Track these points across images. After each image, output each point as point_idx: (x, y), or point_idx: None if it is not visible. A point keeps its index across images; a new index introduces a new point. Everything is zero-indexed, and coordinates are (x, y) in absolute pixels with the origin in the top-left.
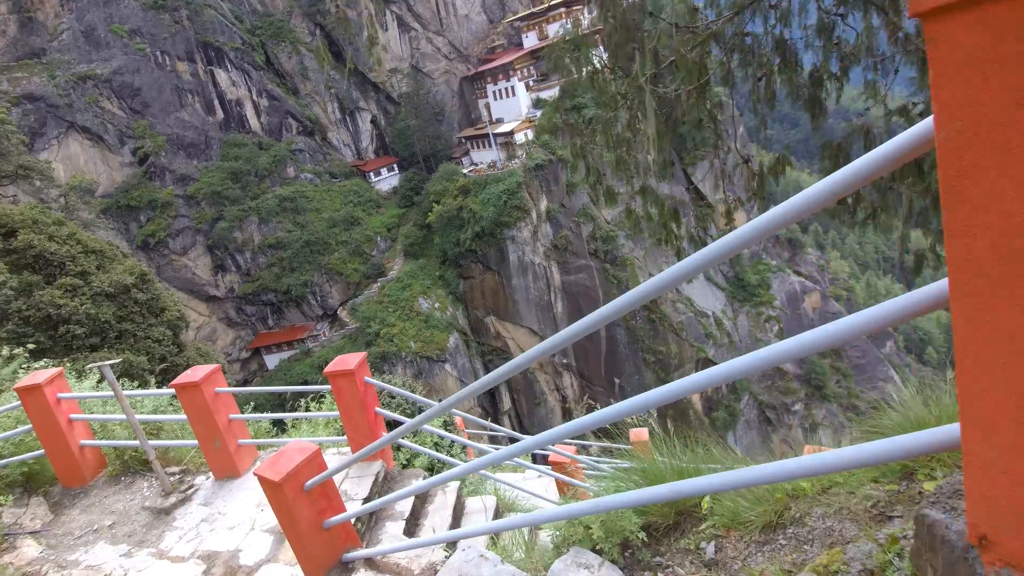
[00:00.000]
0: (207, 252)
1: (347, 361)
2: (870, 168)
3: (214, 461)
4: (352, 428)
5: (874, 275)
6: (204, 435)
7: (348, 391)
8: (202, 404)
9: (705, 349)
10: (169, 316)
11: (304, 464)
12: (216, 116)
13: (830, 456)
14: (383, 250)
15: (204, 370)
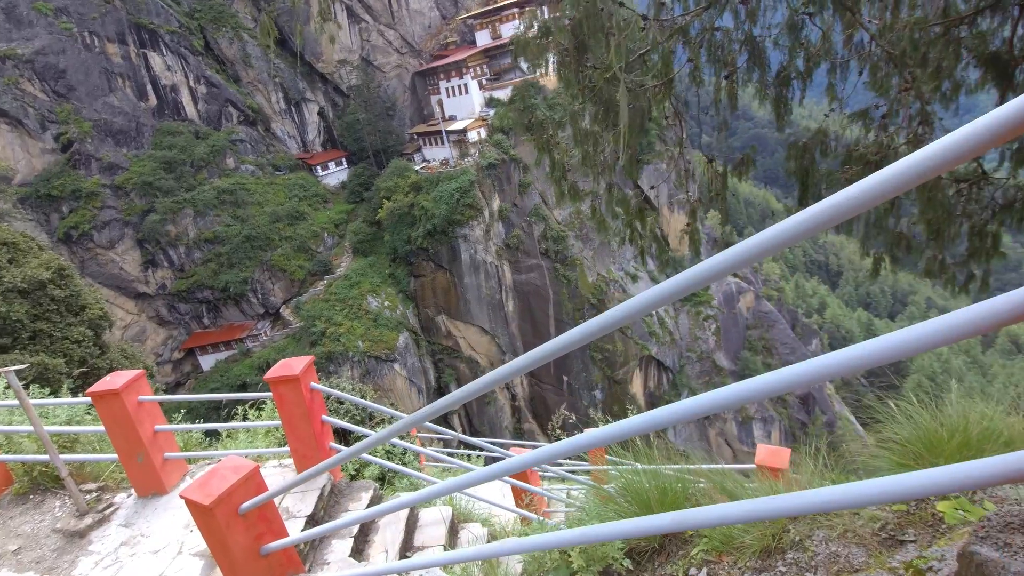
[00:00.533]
0: (136, 246)
1: (291, 366)
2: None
3: (137, 477)
4: (296, 439)
5: (802, 277)
6: (125, 449)
7: (292, 399)
8: (123, 414)
9: (649, 347)
10: (91, 315)
11: (239, 485)
12: (149, 102)
13: (871, 487)
14: (330, 247)
15: (125, 376)
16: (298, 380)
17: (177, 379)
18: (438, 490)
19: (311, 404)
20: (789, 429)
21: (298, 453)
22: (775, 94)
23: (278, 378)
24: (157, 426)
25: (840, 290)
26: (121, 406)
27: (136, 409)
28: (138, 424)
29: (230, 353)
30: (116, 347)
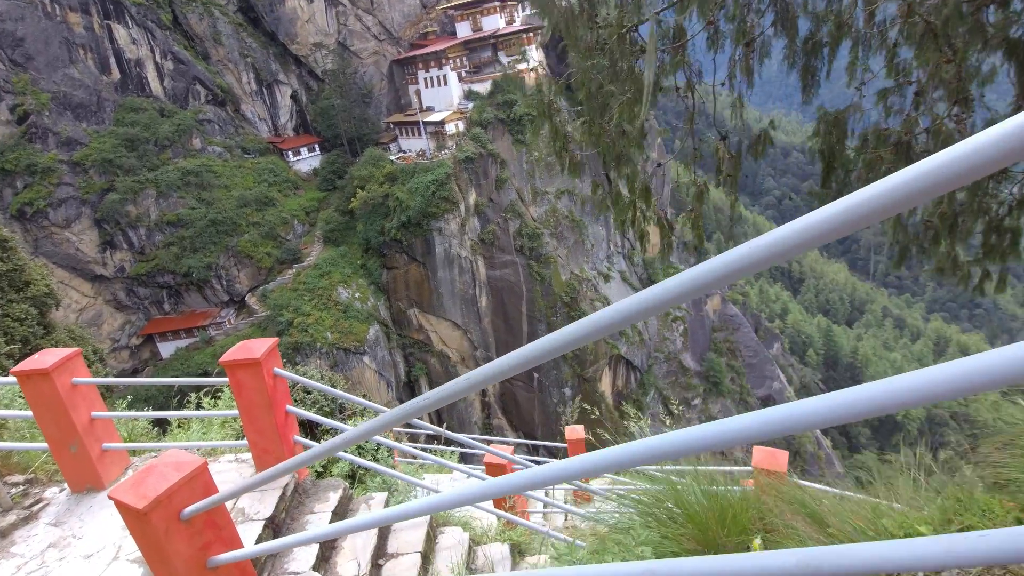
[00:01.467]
0: (94, 226)
1: (251, 348)
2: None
3: (70, 469)
4: (255, 431)
5: (766, 282)
6: (56, 437)
7: (252, 385)
8: (53, 397)
9: (618, 346)
10: (35, 291)
11: (182, 485)
12: (111, 76)
13: None
14: (300, 234)
15: (57, 354)
16: (259, 364)
17: (135, 366)
18: (422, 507)
19: (273, 392)
20: None
21: (257, 447)
22: (803, 62)
23: (236, 361)
24: (94, 412)
25: (801, 296)
26: (52, 388)
27: (69, 392)
28: (71, 409)
29: (191, 340)
30: (63, 328)
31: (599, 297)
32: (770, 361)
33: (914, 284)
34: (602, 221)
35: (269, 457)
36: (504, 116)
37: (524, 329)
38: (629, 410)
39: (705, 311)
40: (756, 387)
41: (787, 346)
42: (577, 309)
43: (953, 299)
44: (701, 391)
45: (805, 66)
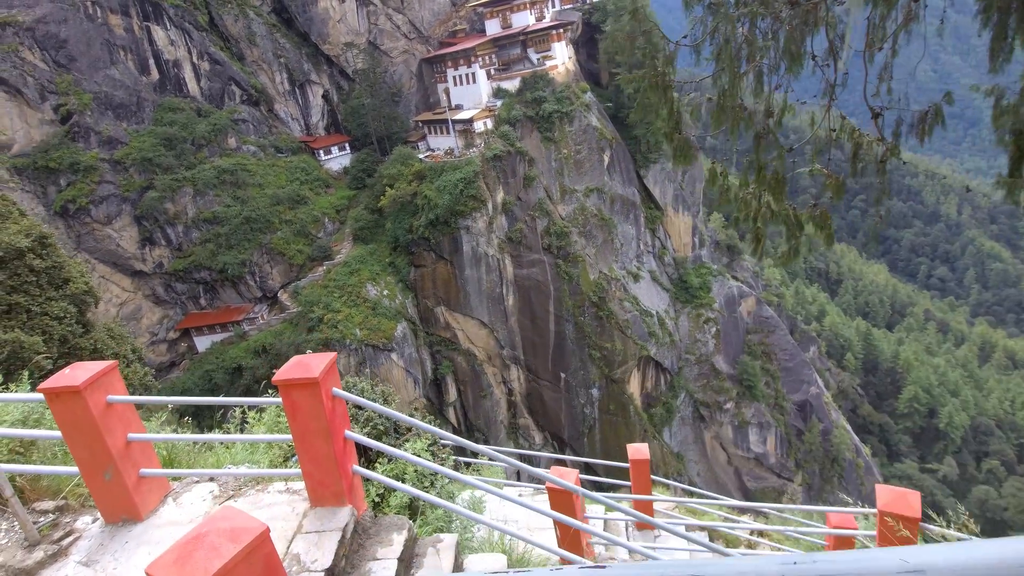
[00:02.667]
0: (134, 223)
1: (308, 366)
2: None
3: (104, 498)
4: (311, 460)
5: (802, 284)
6: (89, 462)
7: (308, 408)
8: (86, 418)
9: (648, 347)
10: (74, 289)
11: (239, 562)
12: (151, 76)
13: None
14: (330, 232)
15: (89, 369)
16: (317, 385)
17: (172, 359)
18: None
19: (332, 416)
20: (785, 436)
21: (312, 478)
22: (997, 20)
23: (291, 381)
24: (131, 434)
25: (839, 298)
26: (84, 408)
27: (104, 413)
28: (106, 432)
29: (226, 335)
30: (102, 326)
31: (628, 297)
32: (807, 365)
33: (958, 287)
34: (632, 219)
35: (325, 491)
36: (533, 113)
37: (551, 328)
38: (659, 412)
39: (739, 312)
40: (792, 392)
41: (824, 350)
42: (605, 309)
43: (999, 302)
44: (734, 394)
45: (999, 26)
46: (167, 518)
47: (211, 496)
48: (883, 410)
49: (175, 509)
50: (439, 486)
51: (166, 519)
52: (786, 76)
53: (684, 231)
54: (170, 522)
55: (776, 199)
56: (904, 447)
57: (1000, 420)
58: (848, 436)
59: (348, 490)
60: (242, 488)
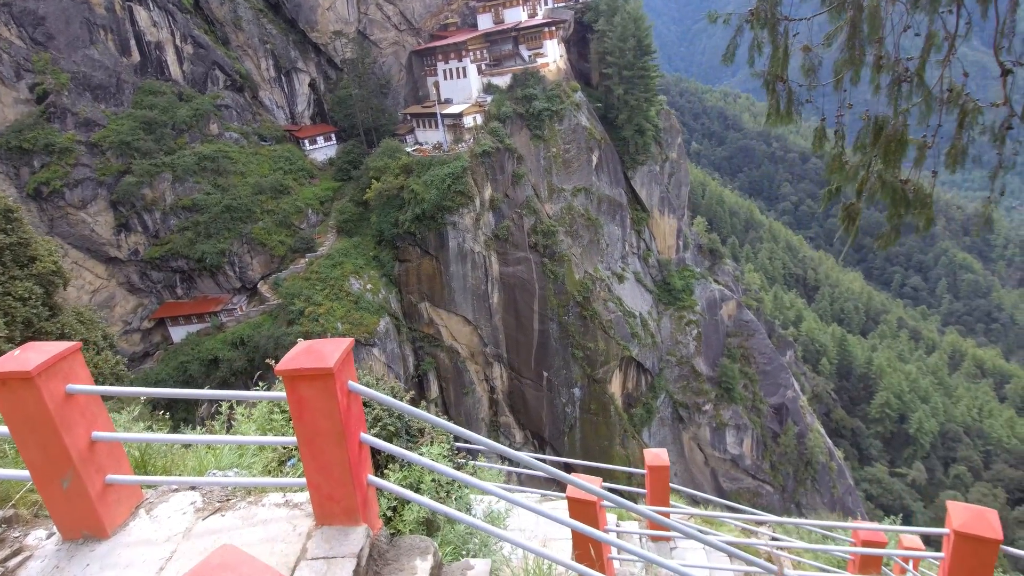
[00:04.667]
0: (110, 208)
1: (321, 353)
2: None
3: (61, 509)
4: (319, 468)
5: (781, 289)
6: (43, 465)
7: (320, 405)
8: (39, 412)
9: (630, 348)
10: (41, 268)
11: None
12: (131, 58)
13: None
14: (314, 224)
15: (45, 351)
16: (332, 377)
17: (145, 349)
18: None
19: (347, 415)
20: (761, 438)
21: (321, 490)
22: None
23: (300, 372)
24: (95, 432)
25: (816, 304)
26: (36, 399)
27: (62, 405)
28: (64, 429)
29: (203, 326)
30: (71, 310)
31: (612, 297)
32: (784, 369)
33: (930, 296)
34: (618, 220)
35: (335, 506)
36: (523, 111)
37: (535, 327)
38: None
39: (720, 316)
40: (769, 395)
41: (800, 354)
42: (589, 309)
43: (969, 312)
44: (713, 396)
45: None
46: (138, 535)
47: (192, 509)
48: (855, 415)
49: (148, 524)
50: (454, 496)
51: (137, 536)
52: (915, 14)
53: (669, 233)
54: (142, 540)
55: (890, 166)
56: (875, 451)
57: (968, 427)
58: (822, 439)
59: (362, 505)
60: (230, 499)
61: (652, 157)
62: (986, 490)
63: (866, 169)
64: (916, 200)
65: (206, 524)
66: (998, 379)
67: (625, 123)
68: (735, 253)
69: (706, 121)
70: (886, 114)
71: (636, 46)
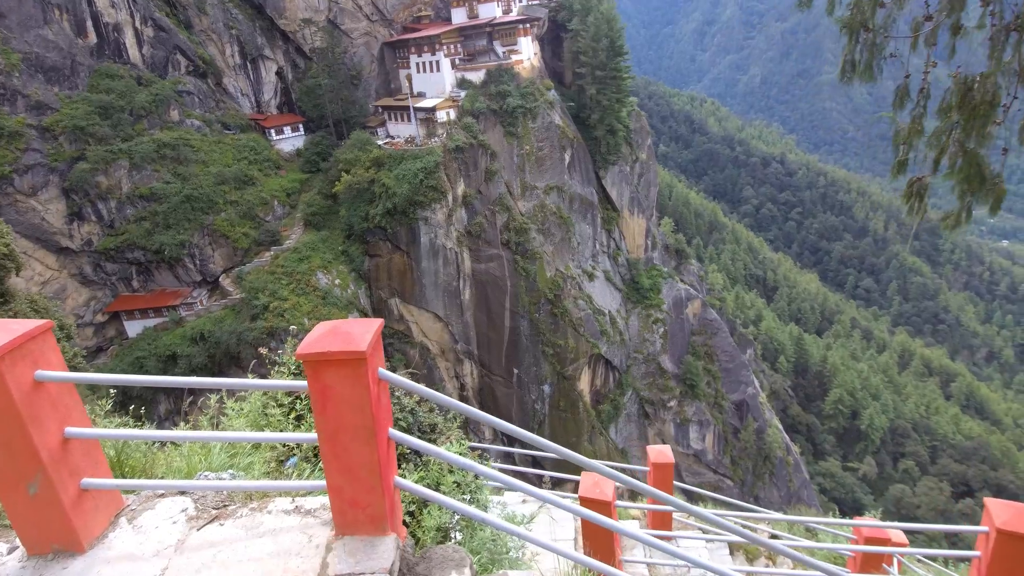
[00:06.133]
0: (62, 196)
1: (349, 335)
2: None
3: (27, 519)
4: (341, 468)
5: (742, 289)
6: (6, 466)
7: (348, 395)
8: (2, 403)
9: (599, 345)
10: None
11: None
12: (87, 39)
13: None
14: (280, 216)
15: (10, 330)
16: (364, 362)
17: (99, 343)
18: None
19: (378, 406)
20: (723, 433)
21: (342, 494)
22: None
23: (326, 356)
24: (69, 428)
25: (775, 304)
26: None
27: (30, 395)
28: (32, 424)
29: (160, 320)
30: (24, 297)
31: (582, 295)
32: (745, 366)
33: (881, 298)
34: (589, 219)
35: (360, 512)
36: (497, 107)
37: (506, 324)
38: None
39: (686, 315)
40: (731, 392)
41: (759, 352)
42: (560, 306)
43: (918, 314)
44: (677, 393)
45: None
46: (121, 549)
47: (184, 517)
48: (811, 411)
49: (132, 535)
50: (478, 499)
51: (120, 550)
52: None
53: (638, 233)
54: (126, 555)
55: (978, 134)
56: (828, 446)
57: (916, 423)
58: (780, 435)
59: (390, 511)
60: (227, 505)
61: (623, 157)
62: (933, 484)
63: (947, 135)
64: (916, 193)
65: (202, 535)
66: (944, 378)
67: (597, 123)
68: (699, 254)
69: (673, 124)
70: (974, 74)
71: (609, 47)
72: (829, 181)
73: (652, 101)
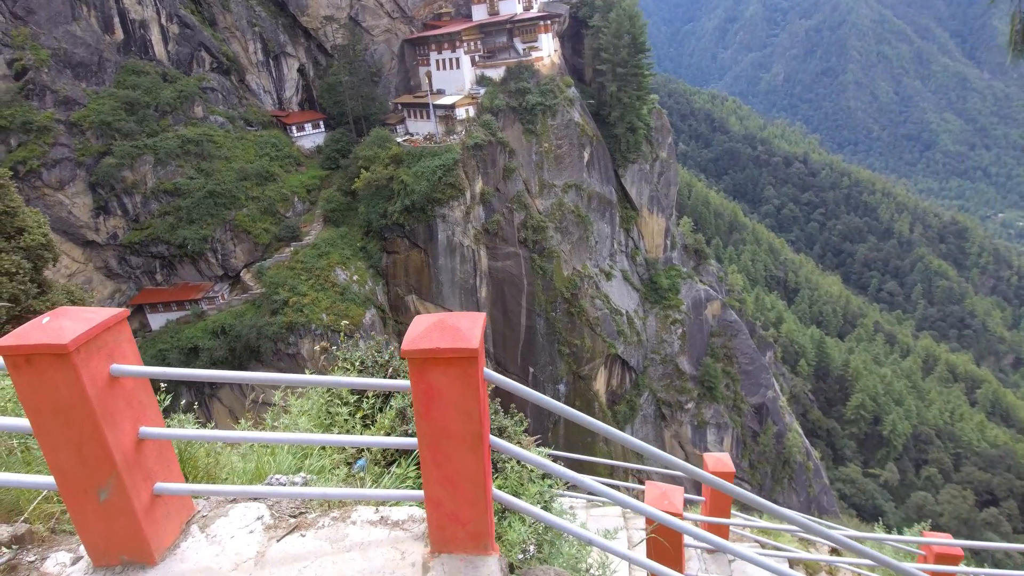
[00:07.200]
0: (88, 190)
1: (458, 330)
2: None
3: (95, 526)
4: (442, 478)
5: (762, 291)
6: (75, 469)
7: (457, 399)
8: (77, 400)
9: (616, 345)
10: (29, 241)
11: None
12: (115, 36)
13: None
14: (300, 212)
15: (85, 319)
16: (475, 361)
17: None
18: None
19: (484, 409)
20: (741, 437)
21: (442, 508)
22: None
23: (435, 353)
24: (144, 428)
25: (796, 306)
26: (73, 382)
27: (105, 391)
28: (107, 423)
29: (182, 314)
30: (61, 288)
31: (599, 295)
32: (765, 369)
33: (906, 301)
34: (607, 218)
35: (460, 528)
36: (516, 104)
37: (522, 323)
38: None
39: (705, 316)
40: (750, 395)
41: (780, 355)
42: (577, 305)
43: (943, 318)
44: (695, 395)
45: None
46: (196, 560)
47: (261, 526)
48: (831, 415)
49: (206, 545)
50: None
51: (194, 562)
52: None
53: (657, 233)
54: (201, 568)
55: None
56: (849, 452)
57: (940, 430)
58: (800, 439)
59: (491, 527)
60: (305, 513)
61: (643, 156)
62: (956, 492)
63: None
64: None
65: (283, 547)
66: (969, 384)
67: (617, 121)
68: (719, 254)
69: (693, 123)
70: None
71: (631, 43)
72: (853, 181)
73: (672, 99)
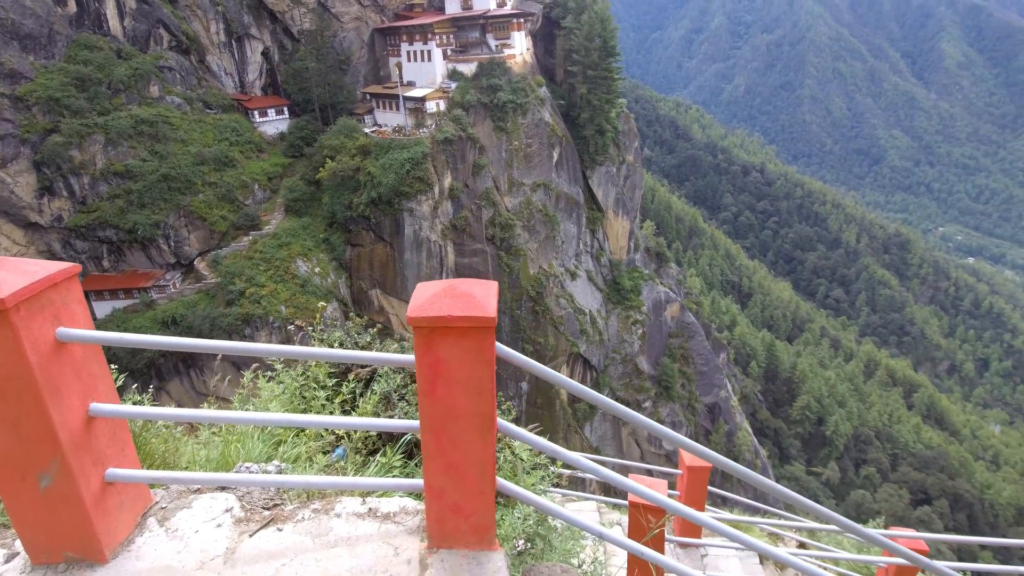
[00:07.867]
0: (32, 168)
1: (471, 297)
2: None
3: (35, 519)
4: (445, 466)
5: (718, 294)
6: (12, 452)
7: (467, 374)
8: (14, 368)
9: (578, 344)
10: None
11: None
12: (67, 8)
13: None
14: (260, 200)
15: (27, 273)
16: (490, 332)
17: None
18: None
19: (492, 388)
20: (695, 435)
21: (443, 498)
22: None
23: (445, 322)
24: (95, 404)
25: (748, 310)
26: (11, 346)
27: (49, 358)
28: (50, 396)
29: (130, 302)
30: None
31: (564, 294)
32: (719, 370)
33: (850, 308)
34: (574, 218)
35: (462, 520)
36: (487, 100)
37: None
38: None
39: (664, 317)
40: (704, 394)
41: (732, 357)
42: (542, 304)
43: (884, 325)
44: (653, 394)
45: None
46: (154, 558)
47: (230, 518)
48: (779, 416)
49: (166, 542)
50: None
51: (152, 560)
52: None
53: (622, 235)
54: (160, 567)
55: None
56: (794, 451)
57: (879, 431)
58: (749, 438)
59: (491, 517)
60: (279, 505)
61: (610, 158)
62: (892, 491)
63: None
64: None
65: (257, 544)
66: (907, 388)
67: (586, 122)
68: (679, 257)
69: (658, 129)
70: None
71: (602, 47)
72: (806, 192)
73: (639, 105)
